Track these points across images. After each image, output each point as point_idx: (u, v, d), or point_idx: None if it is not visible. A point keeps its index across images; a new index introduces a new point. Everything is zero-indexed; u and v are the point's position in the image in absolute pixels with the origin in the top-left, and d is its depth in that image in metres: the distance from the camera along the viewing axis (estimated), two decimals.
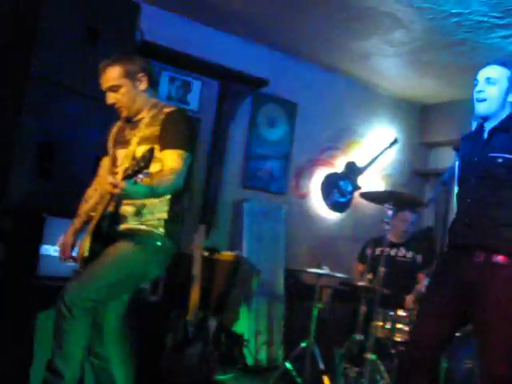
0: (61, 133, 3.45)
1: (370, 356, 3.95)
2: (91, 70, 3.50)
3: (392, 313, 4.17)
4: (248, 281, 4.47)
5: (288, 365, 4.26)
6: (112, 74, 2.76)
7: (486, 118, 2.80)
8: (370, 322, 4.08)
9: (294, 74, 5.68)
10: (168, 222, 2.72)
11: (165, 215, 2.71)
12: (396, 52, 5.24)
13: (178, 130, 2.71)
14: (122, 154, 2.80)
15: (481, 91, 2.75)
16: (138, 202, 2.65)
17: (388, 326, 4.16)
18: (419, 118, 6.67)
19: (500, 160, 2.70)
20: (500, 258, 2.65)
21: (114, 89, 2.76)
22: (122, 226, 2.70)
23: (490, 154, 2.74)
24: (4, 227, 3.26)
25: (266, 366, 4.91)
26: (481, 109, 2.77)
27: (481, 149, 2.80)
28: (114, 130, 2.95)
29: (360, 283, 4.28)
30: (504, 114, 2.77)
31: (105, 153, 2.95)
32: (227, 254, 4.54)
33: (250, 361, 4.83)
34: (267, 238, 5.25)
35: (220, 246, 4.87)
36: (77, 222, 2.84)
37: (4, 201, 3.25)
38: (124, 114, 2.82)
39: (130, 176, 2.38)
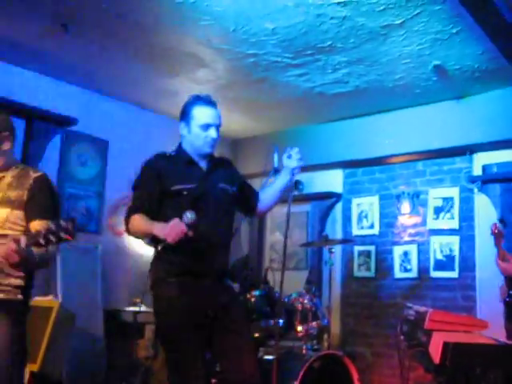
0: None
1: None
2: None
3: None
4: (63, 326, 4.32)
5: None
6: None
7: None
8: None
9: (105, 112, 5.67)
10: (24, 288, 2.59)
11: (21, 282, 2.56)
12: (202, 90, 5.37)
13: (48, 200, 2.62)
14: None
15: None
16: None
17: None
18: (231, 151, 6.93)
19: None
20: None
21: None
22: None
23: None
24: None
25: None
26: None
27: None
28: None
29: None
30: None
31: None
32: (40, 300, 4.36)
33: None
34: (83, 280, 5.12)
35: (33, 291, 4.67)
36: None
37: None
38: None
39: (39, 245, 2.20)
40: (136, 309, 4.44)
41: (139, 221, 2.92)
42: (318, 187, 6.50)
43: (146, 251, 5.83)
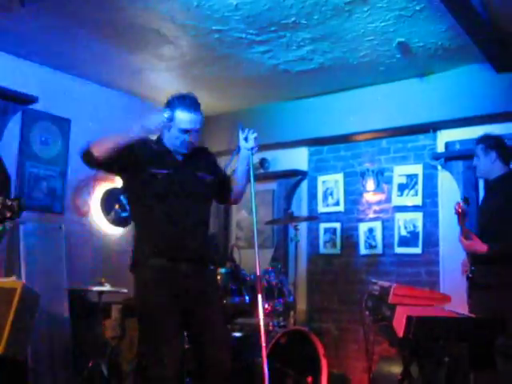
0: None
1: None
2: None
3: None
4: (27, 307, 4.26)
5: None
6: None
7: None
8: None
9: (67, 90, 5.55)
10: None
11: None
12: (167, 67, 5.38)
13: None
14: None
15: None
16: None
17: None
18: None
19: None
20: None
21: None
22: None
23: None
24: None
25: None
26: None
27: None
28: None
29: None
30: None
31: None
32: (2, 281, 4.30)
33: None
34: (47, 260, 5.06)
35: None
36: None
37: None
38: None
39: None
40: (101, 288, 4.40)
41: (109, 137, 3.08)
42: (283, 165, 6.50)
43: (111, 231, 5.81)
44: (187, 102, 3.19)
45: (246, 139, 3.25)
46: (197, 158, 3.31)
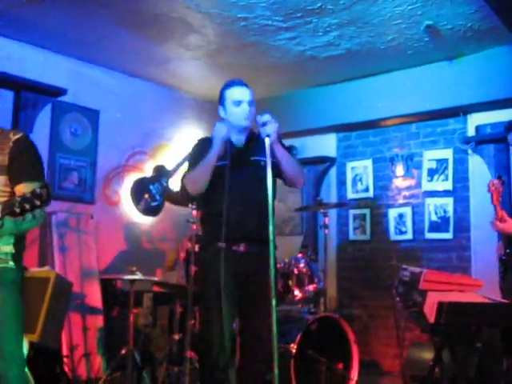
0: None
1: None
2: None
3: None
4: (61, 296, 4.34)
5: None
6: None
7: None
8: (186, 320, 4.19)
9: (94, 82, 5.60)
10: (15, 255, 2.58)
11: (11, 248, 2.56)
12: (193, 56, 5.38)
13: (32, 160, 2.57)
14: None
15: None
16: None
17: None
18: None
19: None
20: None
21: None
22: None
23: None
24: None
25: (88, 379, 4.83)
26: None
27: None
28: None
29: (172, 282, 4.39)
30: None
31: None
32: (36, 271, 4.37)
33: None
34: (79, 249, 5.13)
35: (29, 262, 4.68)
36: None
37: None
38: None
39: (15, 214, 2.19)
40: (133, 277, 4.44)
41: (195, 169, 3.25)
42: (311, 152, 6.47)
43: (141, 220, 5.86)
44: (235, 80, 3.40)
45: (263, 125, 3.05)
46: (254, 142, 3.36)
